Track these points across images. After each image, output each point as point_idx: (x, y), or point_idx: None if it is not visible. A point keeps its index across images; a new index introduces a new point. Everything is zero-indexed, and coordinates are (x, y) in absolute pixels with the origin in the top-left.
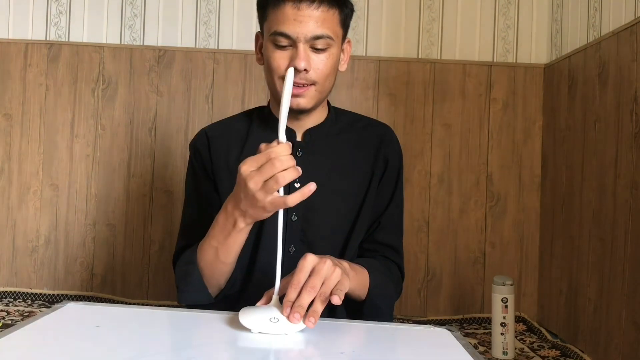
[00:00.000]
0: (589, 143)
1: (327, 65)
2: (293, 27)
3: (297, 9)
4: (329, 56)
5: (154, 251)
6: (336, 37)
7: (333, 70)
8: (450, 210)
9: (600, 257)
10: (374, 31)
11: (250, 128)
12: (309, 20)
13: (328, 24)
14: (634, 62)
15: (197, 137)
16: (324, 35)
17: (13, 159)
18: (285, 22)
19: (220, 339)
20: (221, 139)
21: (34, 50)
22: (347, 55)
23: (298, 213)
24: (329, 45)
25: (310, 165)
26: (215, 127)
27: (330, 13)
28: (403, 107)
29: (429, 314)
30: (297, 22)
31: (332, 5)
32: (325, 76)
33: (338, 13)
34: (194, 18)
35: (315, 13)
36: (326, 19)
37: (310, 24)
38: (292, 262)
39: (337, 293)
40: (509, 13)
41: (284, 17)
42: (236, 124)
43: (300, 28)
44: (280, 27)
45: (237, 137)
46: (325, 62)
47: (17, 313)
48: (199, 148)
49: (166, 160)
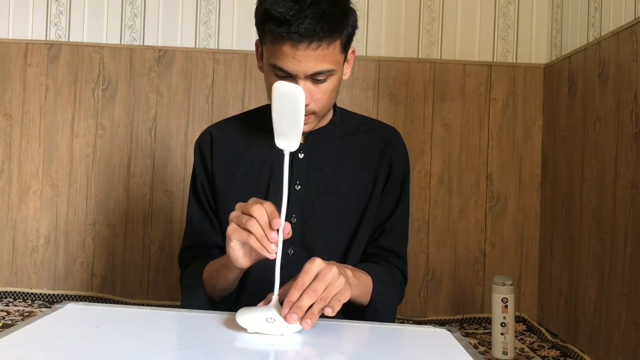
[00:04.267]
0: (589, 143)
1: (327, 93)
2: (292, 66)
3: (296, 48)
4: (329, 84)
5: (154, 251)
6: (338, 65)
7: (334, 92)
8: (450, 210)
9: (600, 257)
10: (374, 31)
11: (253, 130)
12: (308, 60)
13: (329, 58)
14: (634, 62)
15: (202, 137)
16: (324, 70)
17: (13, 159)
18: (283, 59)
19: (221, 339)
20: (224, 139)
21: (34, 50)
22: (351, 63)
23: (297, 215)
24: (330, 75)
25: (311, 168)
26: (219, 126)
27: (331, 47)
28: (403, 107)
29: (429, 314)
30: (296, 61)
31: (333, 39)
32: (325, 103)
33: (339, 42)
34: (194, 18)
35: (314, 53)
36: (326, 55)
37: (309, 63)
38: (290, 265)
39: (334, 304)
40: (509, 13)
41: (282, 54)
42: (241, 124)
43: (299, 67)
44: (279, 63)
45: (239, 138)
46: (326, 90)
47: (17, 313)
48: (202, 147)
49: (166, 160)
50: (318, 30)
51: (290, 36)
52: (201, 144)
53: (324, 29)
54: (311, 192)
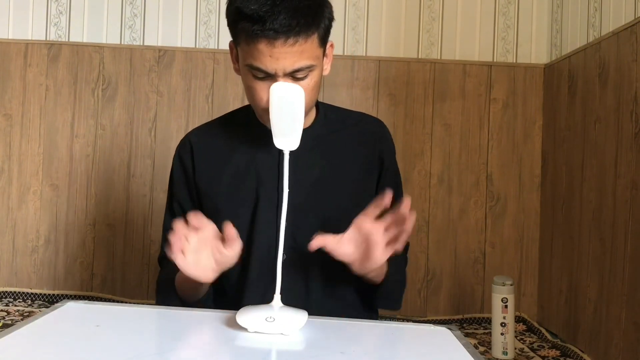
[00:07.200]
0: (589, 143)
1: (309, 89)
2: (270, 64)
3: (272, 46)
4: (310, 80)
5: (154, 251)
6: (317, 60)
7: (316, 88)
8: (450, 210)
9: (600, 257)
10: (374, 31)
11: (235, 133)
12: (286, 56)
13: (307, 53)
14: (634, 62)
15: (181, 145)
16: (304, 67)
17: (13, 159)
18: (260, 58)
19: (221, 338)
20: (205, 145)
21: (34, 50)
22: (330, 58)
23: (287, 219)
24: (310, 71)
25: (299, 170)
26: (199, 132)
27: (309, 42)
28: (403, 107)
29: (429, 314)
30: (273, 59)
31: (309, 33)
32: (308, 100)
33: (316, 35)
34: (194, 18)
35: (292, 49)
36: (304, 50)
37: (287, 60)
38: (284, 269)
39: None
40: (509, 13)
41: (258, 53)
42: (221, 127)
43: (278, 64)
44: (256, 63)
45: (221, 142)
46: (307, 87)
47: (17, 313)
48: (182, 155)
49: (166, 161)
50: (294, 25)
51: (265, 33)
52: (181, 152)
53: (300, 23)
54: (300, 195)
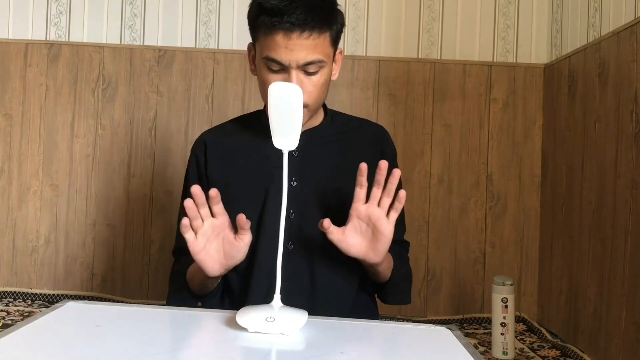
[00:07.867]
0: (589, 143)
1: (319, 86)
2: (285, 55)
3: (288, 38)
4: (320, 77)
5: (154, 251)
6: (328, 58)
7: (325, 87)
8: (450, 210)
9: (600, 257)
10: (374, 31)
11: (248, 133)
12: (300, 49)
13: (319, 48)
14: (634, 62)
15: (196, 143)
16: (315, 60)
17: (13, 159)
18: (276, 50)
19: (221, 338)
20: (218, 143)
21: (34, 50)
22: (339, 64)
23: (295, 211)
24: (321, 67)
25: (306, 165)
26: (213, 132)
27: (322, 38)
28: (403, 107)
29: (429, 314)
30: (288, 50)
31: (322, 30)
32: (316, 97)
33: (329, 34)
34: (194, 18)
35: (306, 42)
36: (317, 44)
37: (301, 52)
38: (290, 259)
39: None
40: (509, 13)
41: (275, 45)
42: (234, 128)
43: (292, 56)
44: (272, 54)
45: (233, 141)
46: (317, 83)
47: (17, 313)
48: (197, 153)
49: (166, 161)
50: (309, 20)
51: (283, 25)
52: (196, 150)
53: (315, 19)
54: (308, 188)
